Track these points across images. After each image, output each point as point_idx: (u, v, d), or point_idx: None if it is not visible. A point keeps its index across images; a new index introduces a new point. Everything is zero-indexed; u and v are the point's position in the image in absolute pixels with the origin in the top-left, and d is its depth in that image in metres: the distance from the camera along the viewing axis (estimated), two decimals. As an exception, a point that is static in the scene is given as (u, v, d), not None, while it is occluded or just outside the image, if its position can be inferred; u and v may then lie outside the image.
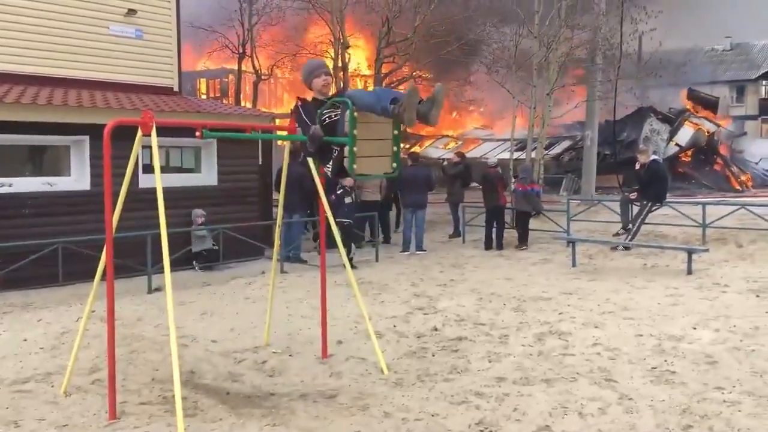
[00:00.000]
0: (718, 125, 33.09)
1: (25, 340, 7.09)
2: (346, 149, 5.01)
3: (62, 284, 9.98)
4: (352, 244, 11.88)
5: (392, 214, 15.63)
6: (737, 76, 47.95)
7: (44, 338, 7.14)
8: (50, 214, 10.69)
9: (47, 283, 10.03)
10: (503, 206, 13.80)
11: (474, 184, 17.20)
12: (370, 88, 8.76)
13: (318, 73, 5.40)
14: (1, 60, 11.49)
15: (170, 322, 4.84)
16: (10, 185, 10.66)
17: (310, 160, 5.98)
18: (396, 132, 5.29)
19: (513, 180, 14.01)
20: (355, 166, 4.99)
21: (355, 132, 4.93)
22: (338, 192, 12.03)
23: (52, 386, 5.71)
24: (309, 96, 5.46)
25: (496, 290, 9.43)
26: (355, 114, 4.94)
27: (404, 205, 13.50)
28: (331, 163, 5.16)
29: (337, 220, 11.77)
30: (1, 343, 7.00)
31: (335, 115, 5.14)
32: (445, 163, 17.36)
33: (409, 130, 39.31)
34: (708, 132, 31.56)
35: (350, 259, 11.68)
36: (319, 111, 5.20)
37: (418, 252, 13.19)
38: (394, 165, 5.39)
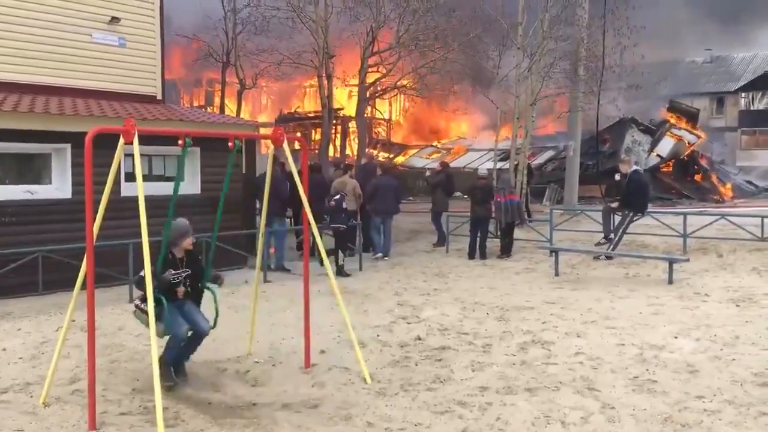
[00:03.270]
0: (699, 136, 33.41)
1: (4, 349, 7.01)
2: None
3: (42, 293, 9.87)
4: (340, 251, 11.91)
5: None
6: (717, 88, 48.54)
7: (23, 348, 7.07)
8: (30, 222, 10.56)
9: (27, 292, 9.91)
10: (488, 216, 13.87)
11: (458, 194, 17.23)
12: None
13: (187, 234, 6.19)
14: (-18, 67, 11.40)
15: (152, 332, 4.82)
16: (-11, 193, 10.53)
17: (293, 167, 6.02)
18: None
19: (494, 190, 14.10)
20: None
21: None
22: (336, 198, 12.06)
23: (31, 396, 5.65)
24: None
25: (480, 299, 9.45)
26: None
27: (375, 212, 13.78)
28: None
29: (332, 225, 11.89)
30: (-21, 352, 6.91)
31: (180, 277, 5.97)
32: (428, 173, 17.41)
33: (393, 139, 39.66)
34: (689, 143, 31.86)
35: (341, 267, 11.73)
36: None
37: (385, 258, 13.56)
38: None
